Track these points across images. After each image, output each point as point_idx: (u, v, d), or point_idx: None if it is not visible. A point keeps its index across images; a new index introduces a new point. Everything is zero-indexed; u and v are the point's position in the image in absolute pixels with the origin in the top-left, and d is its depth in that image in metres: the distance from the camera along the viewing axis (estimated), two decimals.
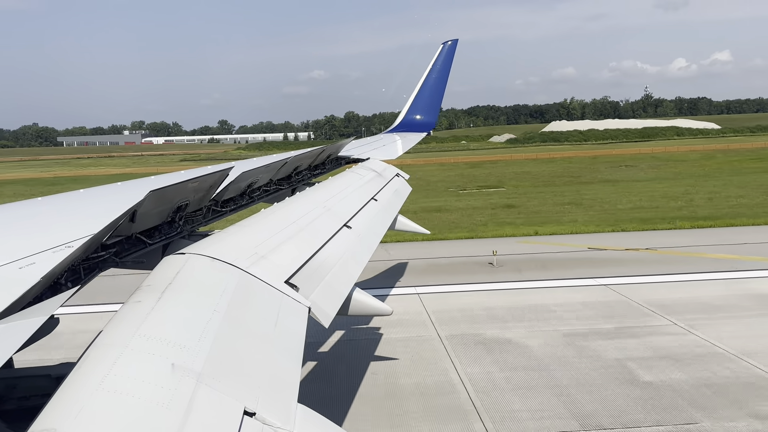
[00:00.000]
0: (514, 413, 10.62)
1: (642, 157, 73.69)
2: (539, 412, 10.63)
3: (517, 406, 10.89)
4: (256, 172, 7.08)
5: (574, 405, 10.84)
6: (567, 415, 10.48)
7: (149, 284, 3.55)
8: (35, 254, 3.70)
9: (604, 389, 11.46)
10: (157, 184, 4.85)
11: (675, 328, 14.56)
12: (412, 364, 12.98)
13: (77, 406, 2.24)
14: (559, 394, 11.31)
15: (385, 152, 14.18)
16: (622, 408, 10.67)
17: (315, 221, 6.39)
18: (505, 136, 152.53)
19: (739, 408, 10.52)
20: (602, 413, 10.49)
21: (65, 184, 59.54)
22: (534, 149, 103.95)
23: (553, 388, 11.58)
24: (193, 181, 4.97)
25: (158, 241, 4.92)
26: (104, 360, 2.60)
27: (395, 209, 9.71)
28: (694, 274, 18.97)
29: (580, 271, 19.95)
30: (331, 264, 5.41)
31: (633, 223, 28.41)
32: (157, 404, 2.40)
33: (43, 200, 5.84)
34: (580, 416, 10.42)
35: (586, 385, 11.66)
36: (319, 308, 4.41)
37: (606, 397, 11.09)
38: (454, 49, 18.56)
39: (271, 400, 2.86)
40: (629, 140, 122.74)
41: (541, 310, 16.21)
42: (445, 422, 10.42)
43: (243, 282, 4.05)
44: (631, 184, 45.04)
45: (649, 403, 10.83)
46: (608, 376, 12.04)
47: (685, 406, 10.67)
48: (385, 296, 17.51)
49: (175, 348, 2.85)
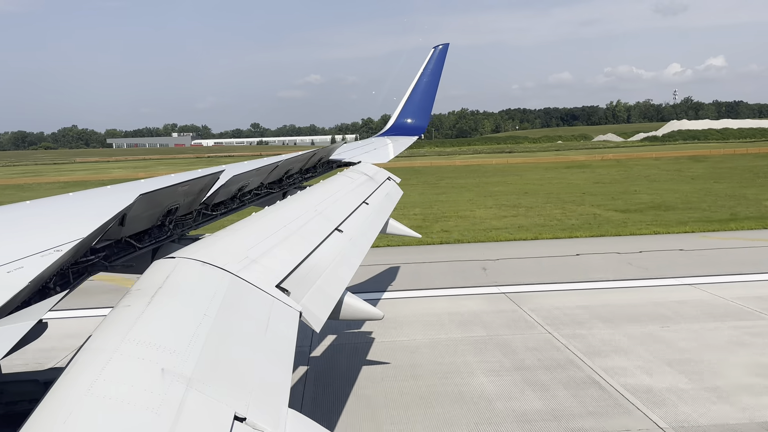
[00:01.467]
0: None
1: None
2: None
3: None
4: (247, 175, 7.07)
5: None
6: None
7: (139, 288, 3.52)
8: (23, 258, 3.67)
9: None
10: (147, 188, 4.83)
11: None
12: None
13: (65, 412, 2.22)
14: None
15: (376, 156, 14.21)
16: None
17: (306, 225, 6.38)
18: (610, 135, 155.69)
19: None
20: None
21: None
22: (693, 147, 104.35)
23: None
24: (184, 184, 4.95)
25: (148, 245, 4.90)
26: (93, 365, 2.58)
27: (387, 213, 9.73)
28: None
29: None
30: (323, 268, 5.40)
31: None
32: (146, 409, 2.38)
33: (32, 203, 5.80)
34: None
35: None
36: (311, 312, 4.40)
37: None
38: (445, 53, 18.63)
39: (261, 405, 2.85)
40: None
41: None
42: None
43: (234, 286, 4.03)
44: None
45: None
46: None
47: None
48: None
49: (165, 353, 2.83)
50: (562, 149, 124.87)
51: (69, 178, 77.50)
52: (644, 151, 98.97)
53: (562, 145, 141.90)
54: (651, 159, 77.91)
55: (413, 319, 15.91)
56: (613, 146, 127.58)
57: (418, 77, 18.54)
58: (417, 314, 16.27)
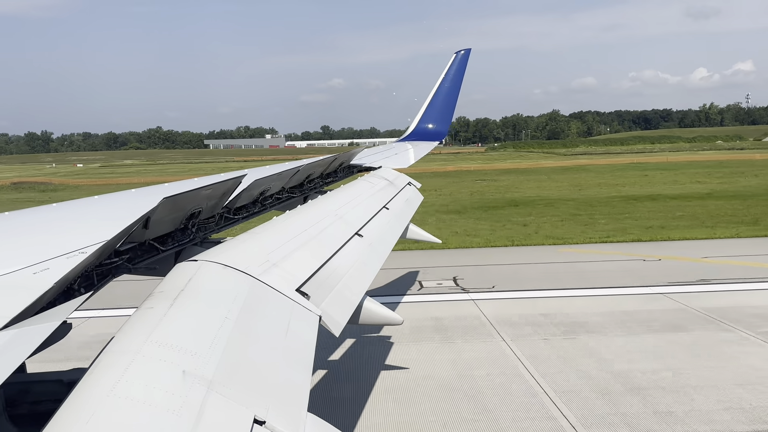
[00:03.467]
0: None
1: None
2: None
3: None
4: (269, 179, 7.10)
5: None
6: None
7: (161, 291, 3.56)
8: (49, 260, 3.73)
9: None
10: (170, 191, 4.88)
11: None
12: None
13: (88, 412, 2.24)
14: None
15: (397, 161, 14.19)
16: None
17: (326, 229, 6.40)
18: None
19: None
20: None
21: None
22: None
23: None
24: (207, 188, 4.99)
25: (171, 247, 4.94)
26: (116, 366, 2.60)
27: (407, 218, 9.71)
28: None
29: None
30: (343, 272, 5.41)
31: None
32: (167, 411, 2.40)
33: (58, 206, 5.89)
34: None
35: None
36: (330, 317, 4.41)
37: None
38: (467, 58, 18.58)
39: (281, 409, 2.85)
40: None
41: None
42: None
43: (254, 289, 4.05)
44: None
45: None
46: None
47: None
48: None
49: (187, 355, 2.85)
50: (746, 148, 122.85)
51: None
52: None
53: (737, 145, 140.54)
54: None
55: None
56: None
57: (440, 82, 18.51)
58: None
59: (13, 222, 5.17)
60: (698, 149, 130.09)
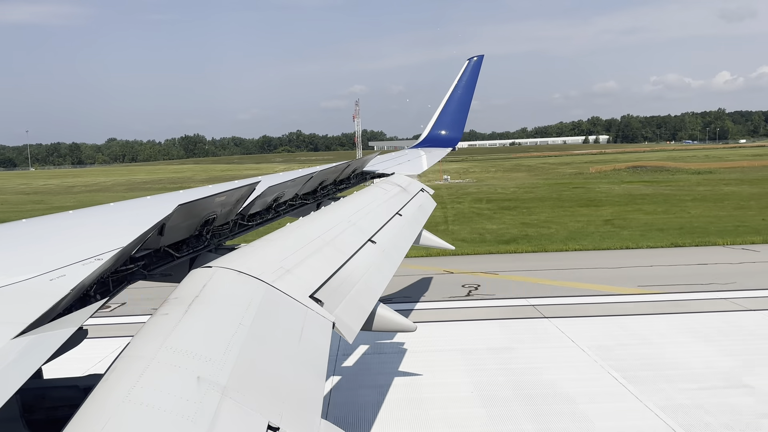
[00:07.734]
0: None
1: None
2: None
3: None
4: (283, 186, 7.13)
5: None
6: None
7: (176, 297, 3.58)
8: (66, 266, 3.76)
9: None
10: (186, 198, 4.91)
11: None
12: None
13: (104, 418, 2.26)
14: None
15: (410, 167, 14.19)
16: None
17: (340, 236, 6.40)
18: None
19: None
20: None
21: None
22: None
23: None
24: (221, 195, 5.02)
25: (186, 254, 4.97)
26: (131, 372, 2.62)
27: (420, 224, 9.70)
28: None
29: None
30: (356, 279, 5.40)
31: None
32: (182, 417, 2.41)
33: (74, 213, 5.96)
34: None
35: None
36: (344, 323, 4.40)
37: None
38: (479, 64, 18.56)
39: (294, 415, 2.85)
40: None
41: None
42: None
43: (268, 296, 4.06)
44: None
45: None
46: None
47: None
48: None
49: (201, 361, 2.86)
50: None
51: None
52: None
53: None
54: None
55: None
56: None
57: (453, 89, 18.50)
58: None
59: (32, 228, 5.23)
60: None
